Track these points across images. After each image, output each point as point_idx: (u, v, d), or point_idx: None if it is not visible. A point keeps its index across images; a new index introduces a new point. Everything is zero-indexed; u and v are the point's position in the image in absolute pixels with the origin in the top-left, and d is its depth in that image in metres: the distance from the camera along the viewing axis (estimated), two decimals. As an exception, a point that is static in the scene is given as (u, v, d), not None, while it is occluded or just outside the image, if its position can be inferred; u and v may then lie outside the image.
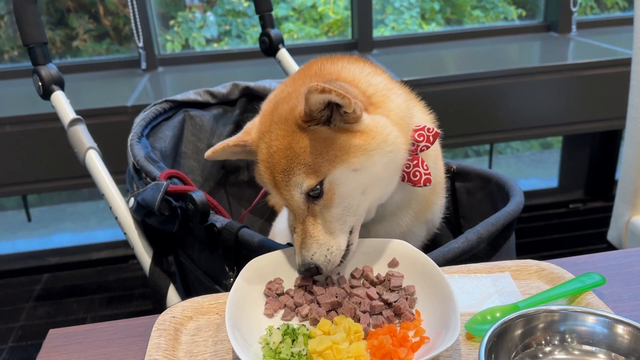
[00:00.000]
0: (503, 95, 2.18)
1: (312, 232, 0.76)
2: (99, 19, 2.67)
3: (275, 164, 0.76)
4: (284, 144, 0.75)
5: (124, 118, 1.97)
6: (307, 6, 2.87)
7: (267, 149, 0.77)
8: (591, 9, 2.96)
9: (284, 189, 0.76)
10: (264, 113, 0.82)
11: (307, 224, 0.76)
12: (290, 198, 0.76)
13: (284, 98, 0.80)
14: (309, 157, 0.74)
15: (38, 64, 1.21)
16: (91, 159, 1.20)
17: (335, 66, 0.84)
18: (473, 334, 0.70)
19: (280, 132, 0.76)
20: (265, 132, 0.78)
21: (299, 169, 0.74)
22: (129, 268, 2.52)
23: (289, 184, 0.75)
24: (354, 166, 0.74)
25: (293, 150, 0.74)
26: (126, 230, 1.16)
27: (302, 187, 0.75)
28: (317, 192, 0.75)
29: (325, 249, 0.76)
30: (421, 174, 0.83)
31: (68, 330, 0.78)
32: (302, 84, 0.81)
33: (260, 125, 0.81)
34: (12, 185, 2.05)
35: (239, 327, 0.69)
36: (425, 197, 0.94)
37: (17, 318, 2.24)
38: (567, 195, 2.84)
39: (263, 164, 0.78)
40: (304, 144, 0.74)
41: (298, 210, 0.77)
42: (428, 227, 1.01)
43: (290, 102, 0.78)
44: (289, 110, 0.76)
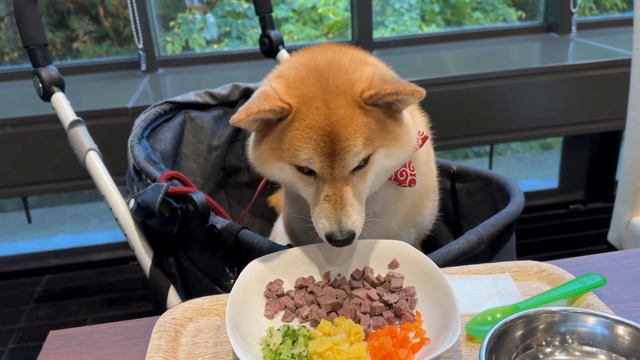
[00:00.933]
0: (503, 96, 2.18)
1: (351, 200, 0.77)
2: (99, 20, 2.68)
3: (339, 132, 0.76)
4: (348, 114, 0.77)
5: (124, 119, 1.97)
6: (307, 7, 2.87)
7: (324, 116, 0.77)
8: (590, 10, 2.96)
9: (341, 157, 0.76)
10: (301, 79, 0.80)
11: (346, 191, 0.77)
12: (344, 166, 0.77)
13: (326, 68, 0.80)
14: (369, 131, 0.77)
15: (38, 65, 1.21)
16: (91, 161, 1.20)
17: (355, 51, 0.87)
18: (474, 335, 0.69)
19: (340, 102, 0.77)
20: (314, 99, 0.78)
21: (360, 140, 0.77)
22: (129, 269, 2.52)
23: (348, 153, 0.76)
24: (391, 152, 0.80)
25: (356, 122, 0.77)
26: (126, 232, 1.16)
27: (359, 156, 0.77)
28: (364, 161, 0.78)
29: (361, 216, 0.78)
30: (407, 174, 0.87)
31: (68, 331, 0.78)
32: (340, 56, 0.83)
33: (300, 91, 0.79)
34: (13, 186, 2.05)
35: (240, 328, 0.69)
36: (414, 200, 0.95)
37: (17, 320, 2.24)
38: (568, 196, 2.84)
39: (316, 131, 0.76)
40: (365, 119, 0.77)
41: (341, 179, 0.77)
42: (417, 230, 1.01)
43: (342, 75, 0.79)
44: (347, 84, 0.78)
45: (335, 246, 0.77)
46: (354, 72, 0.80)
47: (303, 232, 0.97)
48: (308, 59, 0.84)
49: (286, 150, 0.78)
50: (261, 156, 0.82)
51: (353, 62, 0.82)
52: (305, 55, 0.86)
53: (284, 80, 0.81)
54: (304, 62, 0.84)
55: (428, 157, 0.98)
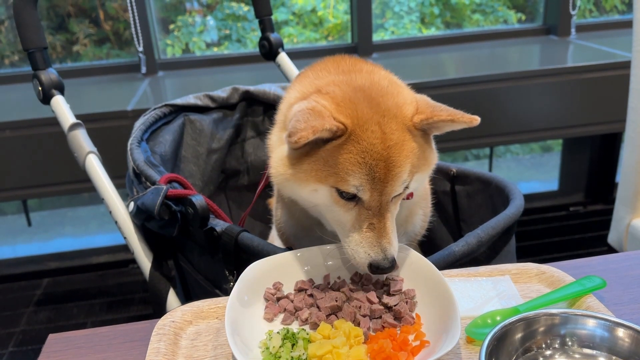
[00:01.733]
0: (503, 98, 2.18)
1: (391, 227, 0.76)
2: (100, 23, 2.68)
3: (393, 159, 0.74)
4: (400, 139, 0.75)
5: (124, 122, 1.98)
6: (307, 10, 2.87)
7: (381, 141, 0.74)
8: (590, 12, 2.97)
9: (391, 183, 0.74)
10: (350, 99, 0.76)
11: (388, 219, 0.76)
12: (390, 192, 0.75)
13: (371, 88, 0.78)
14: (414, 157, 0.76)
15: (38, 68, 1.21)
16: (91, 164, 1.20)
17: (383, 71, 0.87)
18: (473, 338, 0.69)
19: (393, 126, 0.75)
20: (368, 121, 0.74)
21: (408, 165, 0.75)
22: (129, 272, 2.52)
23: (399, 178, 0.75)
24: (421, 176, 0.80)
25: (407, 147, 0.75)
26: (126, 235, 1.16)
27: (405, 183, 0.76)
28: (405, 188, 0.77)
29: (397, 242, 0.77)
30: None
31: (68, 335, 0.77)
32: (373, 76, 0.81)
33: (353, 112, 0.75)
34: (13, 190, 2.05)
35: (239, 331, 0.69)
36: (409, 210, 0.95)
37: (17, 323, 2.24)
38: (568, 198, 2.84)
39: (372, 155, 0.73)
40: (413, 145, 0.76)
41: (384, 205, 0.76)
42: (408, 237, 1.00)
43: (389, 97, 0.77)
44: (396, 107, 0.77)
45: (376, 273, 0.75)
46: (398, 94, 0.79)
47: (295, 236, 0.97)
48: (347, 77, 0.81)
49: (334, 173, 0.74)
50: (298, 175, 0.77)
51: (390, 83, 0.81)
52: (338, 71, 0.83)
53: (331, 98, 0.77)
54: (345, 80, 0.80)
55: None
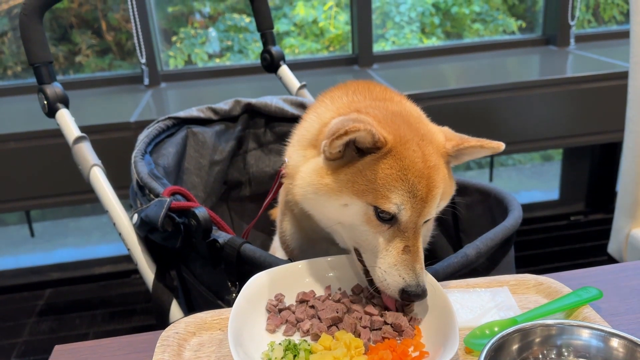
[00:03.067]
0: (503, 108, 2.20)
1: (422, 253, 0.76)
2: (102, 34, 2.71)
3: (433, 178, 0.75)
4: (438, 163, 0.77)
5: (127, 134, 1.99)
6: (308, 21, 2.90)
7: (422, 160, 0.75)
8: (589, 23, 2.99)
9: (430, 202, 0.75)
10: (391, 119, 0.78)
11: (420, 242, 0.76)
12: (428, 213, 0.76)
13: (403, 114, 0.81)
14: (446, 182, 0.78)
15: (43, 82, 1.23)
16: (95, 176, 1.22)
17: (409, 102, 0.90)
18: (472, 348, 0.70)
19: (431, 150, 0.77)
20: (410, 141, 0.75)
21: (441, 189, 0.77)
22: (131, 283, 2.53)
23: (436, 199, 0.76)
24: (442, 203, 0.80)
25: (442, 171, 0.77)
26: (130, 246, 1.17)
27: (439, 206, 0.78)
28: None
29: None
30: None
31: (73, 346, 0.79)
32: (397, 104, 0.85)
33: (395, 130, 0.76)
34: (16, 200, 2.07)
35: (242, 342, 0.70)
36: None
37: (20, 333, 2.25)
38: (568, 208, 2.85)
39: (415, 173, 0.73)
40: (445, 171, 0.79)
41: (419, 227, 0.76)
42: None
43: (421, 124, 0.81)
44: (430, 133, 0.80)
45: (406, 300, 0.74)
46: (428, 123, 0.83)
47: (300, 249, 0.99)
48: (383, 104, 0.83)
49: (373, 189, 0.73)
50: (332, 185, 0.75)
51: (419, 113, 0.85)
52: (372, 97, 0.85)
53: (372, 116, 0.77)
54: (381, 105, 0.82)
55: None
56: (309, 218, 0.87)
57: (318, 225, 0.89)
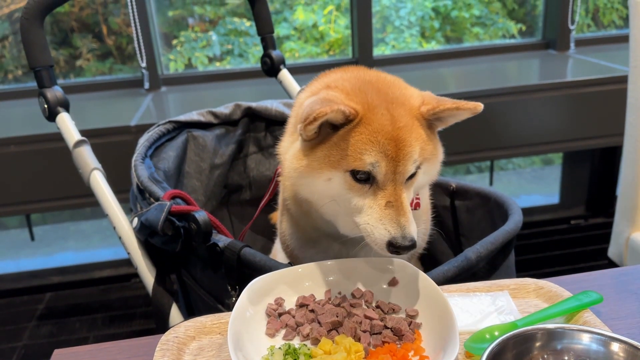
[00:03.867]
0: (503, 112, 2.20)
1: (409, 207, 0.80)
2: (103, 38, 2.71)
3: (404, 138, 0.79)
4: (409, 123, 0.81)
5: (127, 137, 2.00)
6: (309, 26, 2.91)
7: (390, 122, 0.79)
8: (588, 27, 3.00)
9: (403, 161, 0.79)
10: (360, 89, 0.82)
11: (404, 198, 0.79)
12: (404, 171, 0.79)
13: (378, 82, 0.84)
14: (423, 142, 0.82)
15: (44, 86, 1.23)
16: (95, 180, 1.22)
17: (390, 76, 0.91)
18: (472, 353, 0.70)
19: (402, 112, 0.81)
20: (377, 106, 0.80)
21: (418, 148, 0.80)
22: (132, 287, 2.53)
23: (410, 158, 0.79)
24: (429, 168, 0.84)
25: (417, 131, 0.81)
26: (130, 250, 1.17)
27: (416, 162, 0.81)
28: (413, 172, 0.81)
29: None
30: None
31: (73, 350, 0.78)
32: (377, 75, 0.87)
33: (363, 99, 0.81)
34: (16, 204, 2.07)
35: (241, 346, 0.70)
36: None
37: (20, 337, 2.25)
38: (569, 212, 2.85)
39: (383, 135, 0.78)
40: (422, 131, 0.82)
41: (400, 184, 0.80)
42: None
43: (396, 89, 0.84)
44: (403, 97, 0.83)
45: (394, 253, 0.77)
46: (405, 87, 0.86)
47: (300, 249, 0.99)
48: (353, 74, 0.87)
49: (347, 155, 0.78)
50: (311, 164, 0.81)
51: (396, 79, 0.88)
52: (347, 72, 0.89)
53: (340, 89, 0.83)
54: (352, 76, 0.87)
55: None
56: (307, 216, 0.88)
57: (316, 223, 0.90)
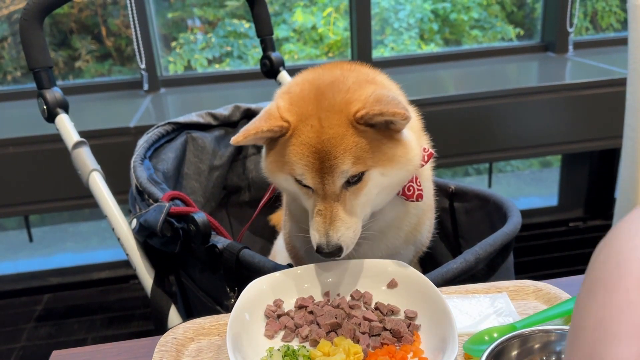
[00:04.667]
0: (502, 114, 2.20)
1: (341, 215, 0.80)
2: (102, 40, 2.72)
3: (328, 151, 0.79)
4: (338, 133, 0.79)
5: (126, 139, 2.00)
6: (308, 27, 2.91)
7: (317, 134, 0.79)
8: (587, 30, 3.00)
9: (329, 174, 0.79)
10: (303, 97, 0.83)
11: (336, 207, 0.80)
12: (332, 183, 0.79)
13: (328, 86, 0.83)
14: (359, 150, 0.79)
15: (43, 87, 1.23)
16: (94, 181, 1.22)
17: (365, 68, 0.90)
18: (471, 355, 0.70)
19: (333, 121, 0.79)
20: (311, 117, 0.80)
21: (349, 159, 0.79)
22: (130, 288, 2.53)
23: (336, 170, 0.79)
24: (388, 172, 0.81)
25: (347, 140, 0.79)
26: (128, 252, 1.17)
27: (347, 173, 0.79)
28: (355, 179, 0.80)
29: (351, 231, 0.80)
30: (414, 189, 0.88)
31: (71, 351, 0.78)
32: (343, 75, 0.85)
33: (300, 109, 0.82)
34: (15, 205, 2.07)
35: (240, 348, 0.70)
36: (417, 218, 0.96)
37: (18, 339, 2.24)
38: (567, 214, 2.85)
39: (308, 148, 0.80)
40: (357, 139, 0.79)
41: (331, 194, 0.80)
42: (416, 247, 1.02)
43: (341, 94, 0.81)
44: (343, 103, 0.80)
45: (323, 257, 0.80)
46: (355, 91, 0.82)
47: (304, 249, 0.99)
48: (315, 76, 0.87)
49: (285, 162, 0.82)
50: (268, 167, 0.86)
51: (357, 81, 0.84)
52: (315, 73, 0.89)
53: (289, 96, 0.84)
54: (311, 78, 0.87)
55: (427, 176, 1.00)
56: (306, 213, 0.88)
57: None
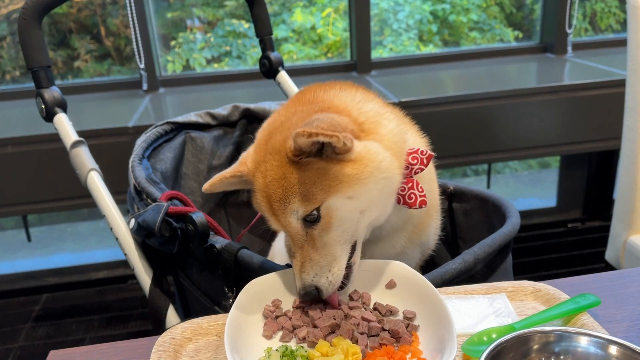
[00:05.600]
0: (500, 115, 2.21)
1: (312, 256, 0.77)
2: (101, 39, 2.71)
3: (272, 194, 0.77)
4: (279, 174, 0.77)
5: (125, 139, 1.99)
6: (307, 28, 2.91)
7: (263, 178, 0.79)
8: (585, 31, 3.01)
9: (282, 216, 0.78)
10: (259, 142, 0.84)
11: (306, 248, 0.77)
12: (288, 224, 0.78)
13: (277, 128, 0.82)
14: (304, 186, 0.75)
15: (42, 87, 1.23)
16: (92, 181, 1.22)
17: (328, 94, 0.86)
18: (469, 355, 0.70)
19: (274, 162, 0.78)
20: (261, 162, 0.80)
21: (295, 198, 0.76)
22: (128, 288, 2.52)
23: (285, 212, 0.77)
24: (348, 194, 0.76)
25: (288, 180, 0.76)
26: (126, 251, 1.17)
27: (298, 213, 0.76)
28: (314, 217, 0.76)
29: (326, 271, 0.77)
30: (416, 196, 0.84)
31: (69, 351, 0.78)
32: (294, 112, 0.83)
33: (255, 155, 0.82)
34: (13, 205, 2.07)
35: (238, 348, 0.70)
36: (420, 220, 0.96)
37: (16, 339, 2.24)
38: (566, 215, 2.86)
39: (260, 193, 0.80)
40: (297, 175, 0.76)
41: (296, 235, 0.78)
42: (422, 249, 1.02)
43: (282, 133, 0.79)
44: (281, 142, 0.78)
45: (301, 299, 0.78)
46: (290, 126, 0.79)
47: None
48: (274, 117, 0.86)
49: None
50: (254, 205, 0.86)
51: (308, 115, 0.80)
52: (277, 113, 0.88)
53: (256, 143, 0.85)
54: (271, 121, 0.87)
55: (430, 176, 0.99)
56: None
57: None
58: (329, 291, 0.77)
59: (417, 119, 1.03)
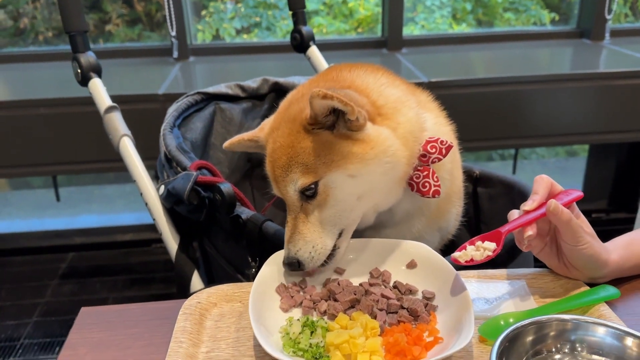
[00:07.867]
0: (531, 100, 2.17)
1: (301, 229, 0.80)
2: (132, 4, 2.73)
3: (277, 159, 0.81)
4: (287, 141, 0.80)
5: (154, 105, 2.02)
6: (338, 1, 2.88)
7: (273, 144, 0.82)
8: (625, 17, 2.92)
9: (281, 184, 0.81)
10: (279, 111, 0.88)
11: (298, 220, 0.81)
12: (286, 193, 0.81)
13: (298, 99, 0.85)
14: (308, 157, 0.78)
15: (78, 51, 1.25)
16: (125, 146, 1.24)
17: (352, 74, 0.87)
18: (486, 337, 0.72)
19: (286, 130, 0.81)
20: (275, 129, 0.84)
21: (297, 167, 0.78)
22: (152, 252, 2.59)
23: (285, 180, 0.80)
24: (349, 172, 0.78)
25: (294, 148, 0.79)
26: (155, 217, 1.20)
27: (296, 184, 0.79)
28: (311, 191, 0.78)
29: (310, 246, 0.79)
30: (430, 185, 0.85)
31: (99, 309, 0.82)
32: (317, 87, 0.84)
33: (273, 122, 0.86)
34: (44, 165, 2.12)
35: (261, 315, 0.72)
36: (438, 206, 0.96)
37: (42, 294, 2.32)
38: (591, 205, 2.82)
39: (267, 158, 0.84)
40: (305, 145, 0.78)
41: (292, 205, 0.81)
42: (442, 234, 1.02)
43: (301, 104, 0.82)
44: (298, 111, 0.81)
45: (285, 269, 0.81)
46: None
47: None
48: (299, 90, 0.90)
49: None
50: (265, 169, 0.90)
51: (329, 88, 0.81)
52: (303, 86, 0.91)
53: (277, 112, 0.89)
54: (295, 92, 0.90)
55: (453, 164, 0.98)
56: None
57: None
58: (310, 266, 0.80)
59: (446, 100, 1.02)
